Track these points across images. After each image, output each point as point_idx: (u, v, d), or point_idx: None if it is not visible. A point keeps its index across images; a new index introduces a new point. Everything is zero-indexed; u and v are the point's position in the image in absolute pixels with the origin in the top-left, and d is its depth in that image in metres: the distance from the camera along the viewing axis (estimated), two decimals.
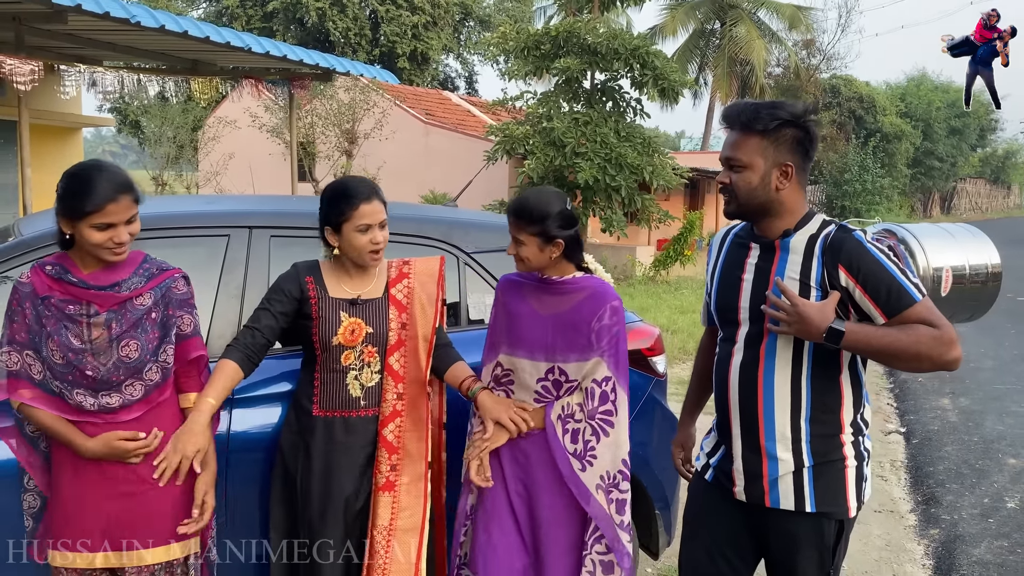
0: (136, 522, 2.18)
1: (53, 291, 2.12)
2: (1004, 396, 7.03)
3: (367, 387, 2.41)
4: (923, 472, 5.27)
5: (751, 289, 2.11)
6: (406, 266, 2.54)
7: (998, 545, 4.10)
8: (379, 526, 2.38)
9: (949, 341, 1.94)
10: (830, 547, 2.11)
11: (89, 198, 2.03)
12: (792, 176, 2.06)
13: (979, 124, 39.43)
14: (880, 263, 1.99)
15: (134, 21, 5.74)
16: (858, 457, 2.11)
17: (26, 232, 2.68)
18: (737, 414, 2.15)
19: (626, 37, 13.07)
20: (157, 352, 2.18)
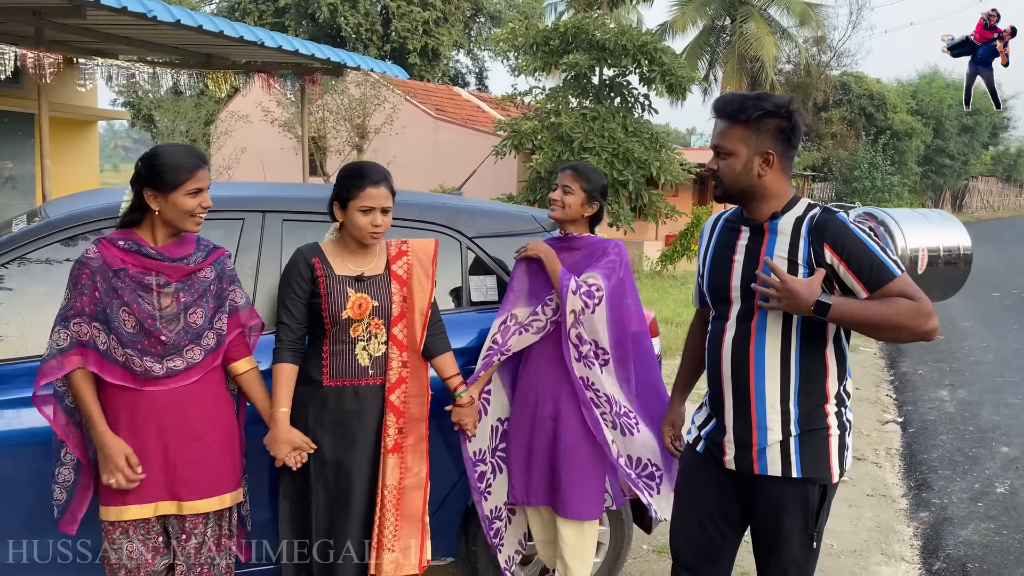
0: (193, 474, 2.41)
1: (126, 263, 2.33)
2: (1002, 388, 7.13)
3: (375, 357, 2.58)
4: (917, 459, 5.39)
5: (742, 269, 2.25)
6: (404, 245, 2.71)
7: (985, 527, 4.22)
8: (389, 485, 2.56)
9: (927, 312, 2.07)
10: (814, 511, 2.25)
11: (184, 168, 2.32)
12: (774, 163, 2.21)
13: (991, 122, 39.21)
14: (862, 241, 2.14)
15: (151, 16, 5.89)
16: (840, 427, 2.24)
17: (53, 214, 2.84)
18: (730, 386, 2.29)
19: (634, 33, 13.17)
20: (213, 320, 2.44)
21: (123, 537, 2.39)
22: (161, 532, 2.44)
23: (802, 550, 2.26)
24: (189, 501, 2.42)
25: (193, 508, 2.43)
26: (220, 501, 2.47)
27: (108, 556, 2.40)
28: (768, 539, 2.30)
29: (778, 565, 2.29)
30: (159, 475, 2.39)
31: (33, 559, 2.58)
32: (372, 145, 17.05)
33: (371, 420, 2.58)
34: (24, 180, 10.16)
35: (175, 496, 2.41)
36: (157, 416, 2.38)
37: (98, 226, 2.74)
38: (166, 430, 2.38)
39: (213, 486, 2.46)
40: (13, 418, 2.55)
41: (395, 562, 2.58)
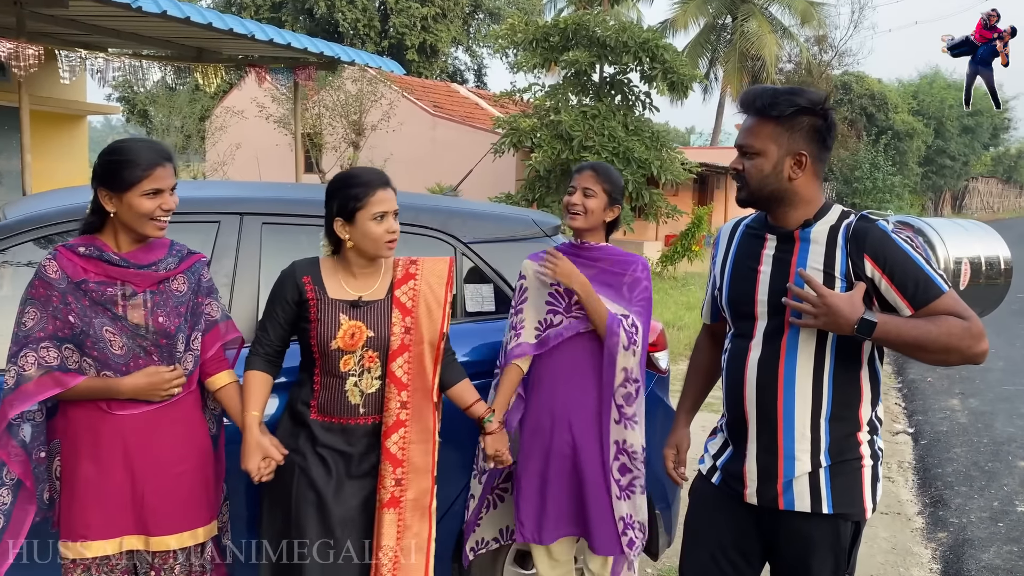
0: (163, 505, 2.18)
1: (88, 273, 2.09)
2: (1014, 397, 6.91)
3: (367, 394, 2.27)
4: (931, 474, 5.17)
5: (769, 281, 2.02)
6: (413, 266, 2.37)
7: (1008, 550, 4.00)
8: (384, 546, 2.25)
9: (979, 333, 1.87)
10: (846, 549, 2.03)
11: (138, 165, 2.07)
12: (807, 165, 1.98)
13: (992, 123, 39.08)
14: (907, 254, 1.93)
15: (135, 6, 5.66)
16: (873, 456, 2.03)
17: (11, 217, 2.61)
18: (754, 412, 2.05)
19: (635, 30, 12.96)
20: (189, 340, 2.22)
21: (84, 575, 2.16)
22: (127, 571, 2.21)
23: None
24: (157, 536, 2.18)
25: (162, 544, 2.19)
26: (193, 536, 2.23)
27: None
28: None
29: None
30: (125, 507, 2.16)
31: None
32: (369, 142, 16.81)
33: (363, 467, 2.29)
34: (10, 175, 9.91)
35: (143, 530, 2.18)
36: (124, 442, 2.15)
37: (57, 229, 2.52)
38: (133, 457, 2.15)
39: (185, 519, 2.22)
40: None
41: None
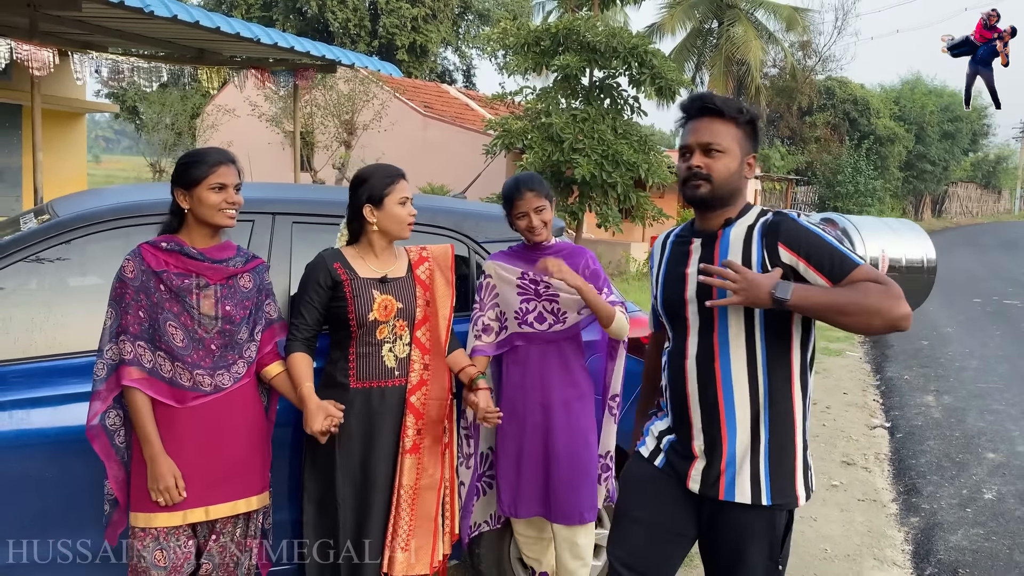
0: (225, 480, 2.44)
1: (168, 265, 2.36)
2: (986, 394, 7.24)
3: (400, 358, 2.63)
4: (905, 464, 5.46)
5: (696, 282, 2.11)
6: (424, 251, 2.77)
7: (974, 532, 4.30)
8: (405, 485, 2.60)
9: (897, 295, 1.93)
10: (780, 537, 2.14)
11: (205, 163, 2.38)
12: (752, 168, 2.17)
13: (971, 129, 39.66)
14: (819, 236, 2.04)
15: (148, 11, 5.85)
16: (804, 446, 2.15)
17: (62, 213, 2.82)
18: (697, 407, 2.14)
19: (625, 35, 13.20)
20: (253, 332, 2.49)
21: (153, 544, 2.40)
22: (190, 536, 2.46)
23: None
24: (217, 505, 2.45)
25: (221, 512, 2.46)
26: (247, 504, 2.52)
27: (136, 563, 2.41)
28: (730, 567, 2.17)
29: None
30: (191, 483, 2.41)
31: (33, 559, 2.57)
32: (360, 141, 16.98)
33: (392, 421, 2.62)
34: (11, 172, 10.06)
35: (205, 502, 2.44)
36: (194, 429, 2.41)
37: (108, 226, 2.75)
38: (202, 442, 2.42)
39: (242, 490, 2.50)
40: (23, 418, 2.54)
41: (407, 562, 2.61)
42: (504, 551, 3.17)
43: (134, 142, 35.54)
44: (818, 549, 4.06)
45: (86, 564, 2.59)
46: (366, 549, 2.60)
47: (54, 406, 2.57)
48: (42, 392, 2.57)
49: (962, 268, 18.47)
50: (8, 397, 2.53)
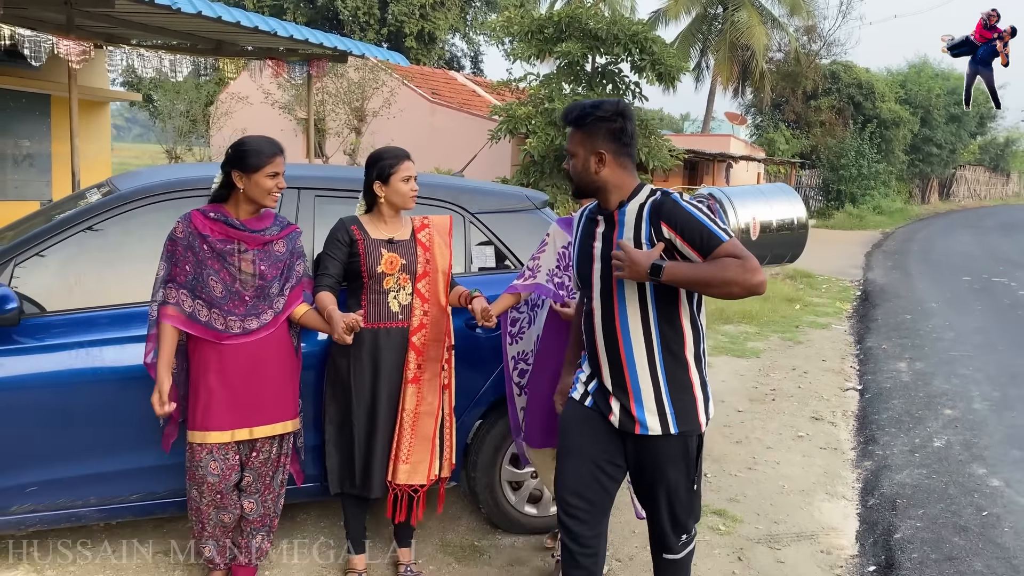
0: (265, 406, 3.00)
1: (214, 232, 2.90)
2: (956, 361, 7.73)
3: (402, 304, 3.18)
4: (869, 420, 5.99)
5: (600, 254, 2.54)
6: (425, 219, 3.32)
7: (918, 472, 4.82)
8: (407, 409, 3.15)
9: (753, 268, 2.30)
10: (694, 458, 2.58)
11: (264, 153, 2.91)
12: (607, 160, 2.51)
13: (978, 112, 39.70)
14: (692, 215, 2.41)
15: (175, 7, 6.38)
16: (702, 383, 2.56)
17: (123, 187, 3.37)
18: (605, 357, 2.57)
19: (625, 23, 13.65)
20: (283, 288, 3.03)
21: (208, 457, 2.97)
22: (236, 453, 3.02)
23: (687, 494, 2.61)
24: (259, 427, 3.01)
25: (262, 432, 3.03)
26: (283, 427, 3.09)
27: (193, 471, 2.98)
28: (656, 488, 2.60)
29: (669, 510, 2.62)
30: (237, 409, 2.96)
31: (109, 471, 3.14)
32: (370, 128, 17.48)
33: (397, 356, 3.16)
34: (40, 158, 10.63)
35: (249, 423, 3.00)
36: (236, 364, 2.96)
37: (162, 198, 3.29)
38: (244, 375, 2.97)
39: (279, 415, 3.06)
40: (98, 355, 3.10)
41: (407, 472, 3.16)
42: (495, 475, 3.72)
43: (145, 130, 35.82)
44: (776, 485, 4.60)
45: (150, 471, 3.15)
46: (375, 460, 3.15)
47: (121, 345, 3.13)
48: (112, 334, 3.13)
49: (958, 249, 18.88)
50: (88, 337, 3.09)
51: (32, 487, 3.06)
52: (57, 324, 3.11)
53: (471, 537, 3.77)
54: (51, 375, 3.05)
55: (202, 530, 3.06)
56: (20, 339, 3.03)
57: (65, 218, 3.23)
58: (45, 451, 3.06)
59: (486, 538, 3.76)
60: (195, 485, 3.00)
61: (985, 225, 26.68)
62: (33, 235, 3.18)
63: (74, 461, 3.10)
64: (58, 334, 3.09)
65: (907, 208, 33.24)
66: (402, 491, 3.20)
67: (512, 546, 3.71)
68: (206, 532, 3.06)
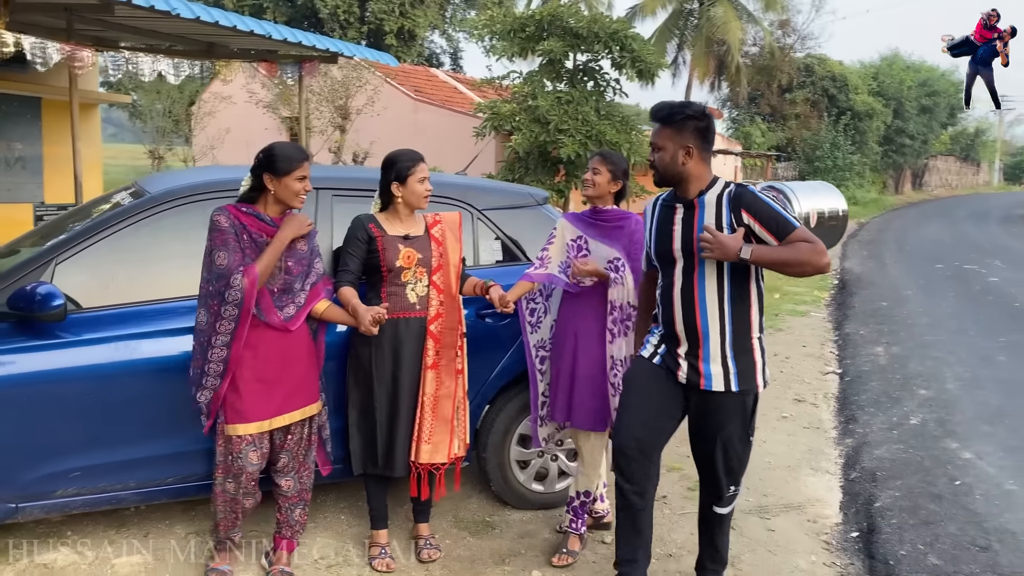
0: (295, 391, 3.21)
1: (249, 223, 3.09)
2: (930, 345, 8.08)
3: (420, 296, 3.41)
4: (849, 401, 6.30)
5: (681, 235, 2.92)
6: (437, 216, 3.55)
7: (896, 448, 5.14)
8: (427, 394, 3.39)
9: (821, 251, 2.76)
10: (750, 414, 2.98)
11: (294, 159, 3.11)
12: (694, 155, 2.89)
13: (949, 103, 40.47)
14: (769, 205, 2.86)
15: (174, 13, 6.54)
16: (761, 349, 2.96)
17: (153, 190, 3.58)
18: (681, 323, 2.94)
19: (605, 21, 13.90)
20: (304, 284, 3.25)
21: (248, 448, 3.15)
22: (269, 439, 3.22)
23: (742, 444, 3.01)
24: (291, 412, 3.22)
25: (295, 418, 3.24)
26: (311, 409, 3.31)
27: (231, 464, 3.15)
28: (713, 440, 2.98)
29: (724, 459, 3.00)
30: (271, 399, 3.16)
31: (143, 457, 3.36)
32: (354, 126, 17.65)
33: (417, 344, 3.39)
34: (32, 161, 10.73)
35: (282, 412, 3.20)
36: (270, 356, 3.15)
37: (192, 200, 3.50)
38: (277, 366, 3.16)
39: (306, 399, 3.28)
40: (136, 348, 3.31)
41: (429, 452, 3.40)
42: (505, 455, 3.97)
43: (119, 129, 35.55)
44: (763, 461, 4.89)
45: (185, 455, 3.37)
46: (397, 442, 3.39)
47: (157, 338, 3.34)
48: (148, 328, 3.35)
49: (930, 238, 19.36)
50: (127, 331, 3.30)
51: (76, 472, 3.27)
52: (97, 319, 3.32)
53: (483, 513, 4.02)
54: (93, 367, 3.25)
55: (235, 520, 3.25)
56: (63, 334, 3.24)
57: (101, 220, 3.43)
58: (88, 438, 3.27)
59: (497, 514, 4.02)
60: (231, 477, 3.16)
61: (956, 214, 27.27)
62: (72, 236, 3.39)
63: (114, 447, 3.31)
64: (98, 328, 3.29)
65: (881, 198, 33.83)
66: (424, 469, 3.45)
67: (521, 520, 3.97)
68: (237, 522, 3.26)
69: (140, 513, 3.87)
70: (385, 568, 3.44)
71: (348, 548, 3.64)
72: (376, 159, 17.24)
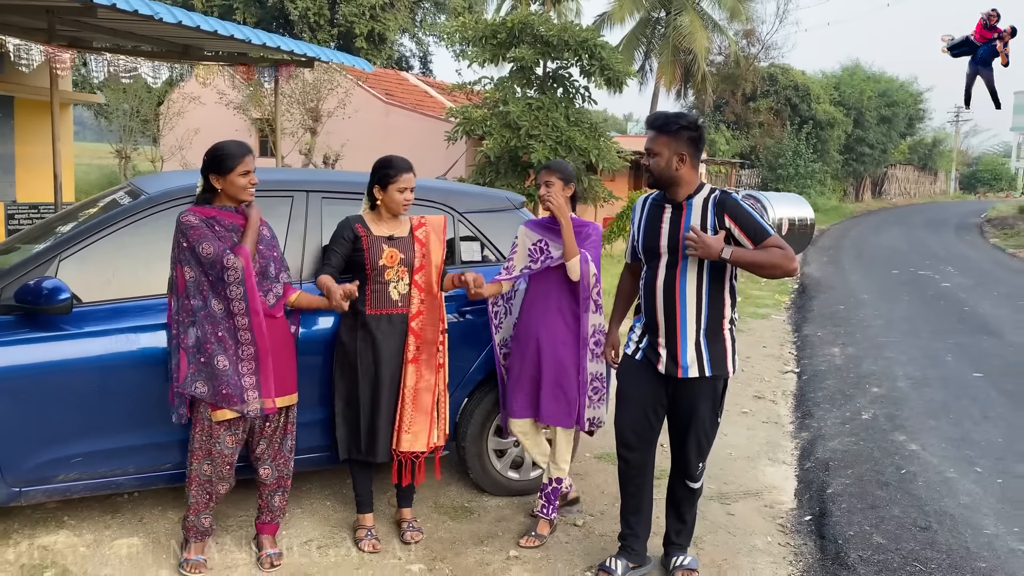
0: (278, 378, 3.37)
1: (214, 216, 3.27)
2: (884, 346, 8.48)
3: (401, 294, 3.61)
4: (806, 398, 6.64)
5: (668, 233, 3.25)
6: (422, 219, 3.76)
7: (848, 440, 5.46)
8: (408, 386, 3.60)
9: (791, 256, 3.12)
10: (720, 398, 3.36)
11: (235, 156, 3.27)
12: (687, 161, 3.22)
13: (908, 113, 41.52)
14: (749, 212, 3.20)
15: (157, 18, 6.68)
16: (732, 340, 3.31)
17: (151, 191, 3.76)
18: (662, 314, 3.26)
19: (575, 30, 14.21)
20: (278, 274, 3.43)
21: (225, 432, 3.34)
22: (245, 427, 3.41)
23: (711, 425, 3.37)
24: (274, 398, 3.39)
25: (272, 404, 3.40)
26: (288, 400, 3.48)
27: (209, 448, 3.32)
28: (687, 420, 3.33)
29: (696, 439, 3.35)
30: (252, 386, 3.32)
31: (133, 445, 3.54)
32: (325, 128, 17.77)
33: (398, 340, 3.60)
34: (4, 159, 10.73)
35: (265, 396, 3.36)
36: (251, 343, 3.32)
37: (189, 199, 3.68)
38: (268, 350, 3.33)
39: (284, 389, 3.45)
40: (135, 340, 3.49)
41: (410, 441, 3.61)
42: (483, 445, 4.21)
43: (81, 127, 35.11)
44: (725, 453, 5.18)
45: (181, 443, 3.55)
46: (379, 430, 3.60)
47: (155, 331, 3.52)
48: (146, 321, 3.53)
49: (888, 244, 19.97)
50: (126, 324, 3.48)
51: (77, 458, 3.45)
52: (98, 313, 3.49)
53: (461, 499, 4.25)
54: (95, 358, 3.43)
55: (208, 502, 3.41)
56: (66, 326, 3.41)
57: (103, 219, 3.61)
58: (89, 425, 3.44)
59: (475, 500, 4.25)
60: (208, 460, 3.34)
61: (913, 222, 28.06)
62: (75, 234, 3.56)
63: (114, 434, 3.49)
64: (100, 322, 3.47)
65: (841, 206, 34.65)
66: (405, 457, 3.67)
67: (497, 506, 4.20)
68: (211, 504, 3.42)
69: (134, 500, 4.04)
70: (371, 548, 3.66)
71: (335, 532, 3.85)
72: (347, 162, 17.41)
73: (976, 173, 64.85)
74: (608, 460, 4.75)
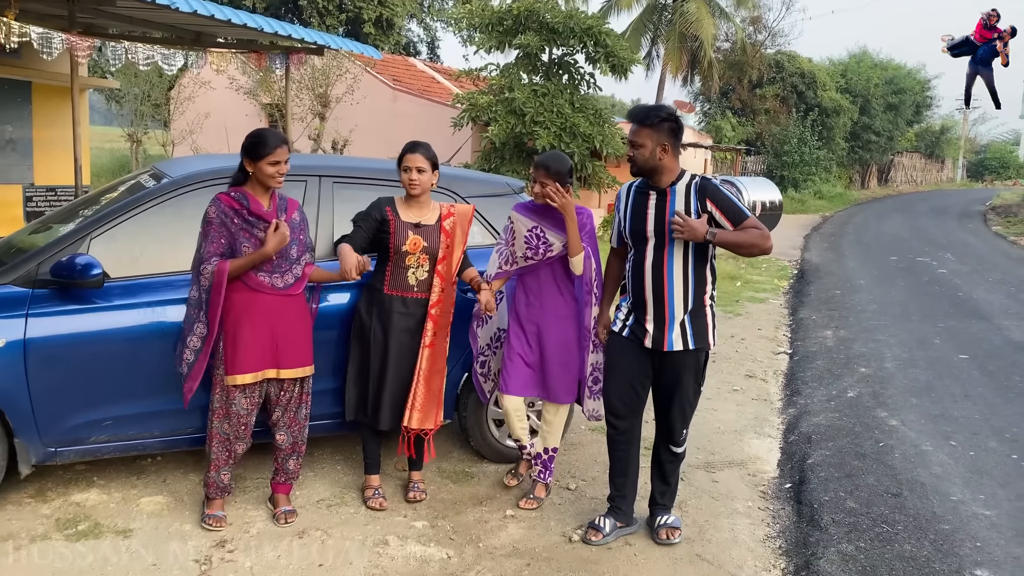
0: (289, 347, 3.66)
1: (236, 208, 3.54)
2: (875, 329, 8.72)
3: (419, 280, 3.85)
4: (795, 377, 6.90)
5: (654, 218, 3.50)
6: (452, 208, 3.96)
7: (832, 416, 5.73)
8: (423, 369, 3.86)
9: (767, 236, 3.41)
10: (702, 369, 3.64)
11: (268, 145, 3.52)
12: (668, 150, 3.49)
13: (915, 101, 41.43)
14: (728, 196, 3.47)
15: (174, 7, 6.94)
16: (712, 315, 3.59)
17: (174, 174, 4.04)
18: (651, 294, 3.52)
19: (581, 17, 14.40)
20: (300, 258, 3.69)
21: (240, 395, 3.63)
22: (261, 392, 3.70)
23: (694, 395, 3.66)
24: (284, 369, 3.69)
25: (287, 374, 3.70)
26: (303, 371, 3.75)
27: (226, 409, 3.61)
28: (672, 390, 3.61)
29: (679, 407, 3.63)
30: (264, 354, 3.62)
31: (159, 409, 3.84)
32: (334, 114, 18.01)
33: (408, 321, 3.85)
34: (22, 143, 11.02)
35: (276, 366, 3.67)
36: (267, 313, 3.62)
37: (209, 183, 3.96)
38: (271, 325, 3.62)
39: (300, 361, 3.73)
40: (160, 313, 3.78)
41: (419, 419, 3.88)
42: (483, 415, 4.49)
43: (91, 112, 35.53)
44: (713, 427, 5.46)
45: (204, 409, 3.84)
46: (384, 400, 3.86)
47: (179, 305, 3.80)
48: (172, 295, 3.81)
49: (889, 231, 20.14)
50: (154, 298, 3.77)
51: (108, 421, 3.74)
52: (127, 287, 3.78)
53: (463, 465, 4.55)
54: (124, 329, 3.72)
55: (227, 459, 3.70)
56: (97, 300, 3.70)
57: (130, 200, 3.90)
58: (119, 391, 3.73)
59: (475, 466, 4.54)
60: (226, 420, 3.63)
61: (917, 209, 28.17)
62: (104, 215, 3.84)
63: (142, 399, 3.78)
64: (128, 296, 3.76)
65: (847, 193, 34.73)
66: (413, 433, 3.95)
67: (496, 471, 4.49)
68: (230, 461, 3.72)
69: (157, 463, 4.34)
70: (378, 506, 3.95)
71: (344, 492, 4.14)
72: (355, 147, 17.66)
73: (984, 161, 64.64)
74: (600, 432, 5.02)
